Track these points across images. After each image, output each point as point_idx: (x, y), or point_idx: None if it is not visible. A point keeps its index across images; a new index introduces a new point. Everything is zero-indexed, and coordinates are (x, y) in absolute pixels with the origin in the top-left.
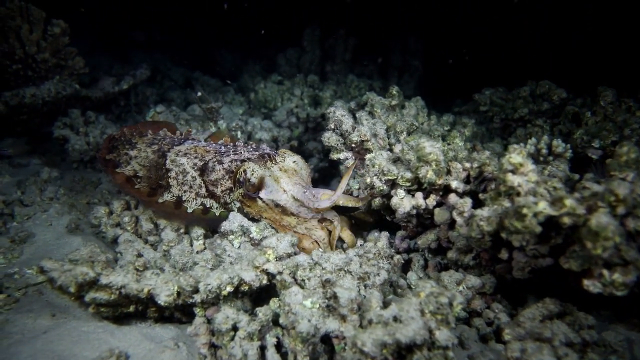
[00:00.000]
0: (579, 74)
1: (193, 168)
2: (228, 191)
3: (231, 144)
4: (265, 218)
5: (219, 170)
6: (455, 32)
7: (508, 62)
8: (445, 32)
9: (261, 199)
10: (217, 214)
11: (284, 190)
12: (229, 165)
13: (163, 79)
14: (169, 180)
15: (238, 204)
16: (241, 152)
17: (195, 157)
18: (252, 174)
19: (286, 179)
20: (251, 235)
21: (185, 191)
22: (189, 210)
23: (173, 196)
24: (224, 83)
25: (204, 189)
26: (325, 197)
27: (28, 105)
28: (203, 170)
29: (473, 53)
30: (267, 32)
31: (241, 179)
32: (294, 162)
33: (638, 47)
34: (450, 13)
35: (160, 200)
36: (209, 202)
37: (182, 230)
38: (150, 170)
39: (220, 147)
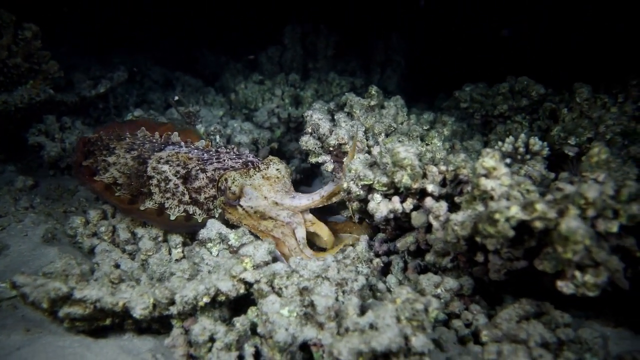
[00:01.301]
0: (560, 66)
1: (176, 176)
2: (212, 198)
3: (213, 149)
4: (245, 225)
5: (202, 178)
6: (440, 23)
7: (489, 50)
8: (430, 20)
9: (241, 206)
10: (200, 220)
11: (265, 197)
12: (212, 174)
13: (143, 79)
14: (151, 188)
15: (220, 210)
16: (224, 160)
17: (178, 165)
18: (233, 182)
19: (267, 187)
20: (229, 243)
21: (167, 198)
22: (172, 218)
23: (155, 203)
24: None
25: (187, 196)
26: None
27: (0, 112)
28: (186, 178)
29: (457, 39)
30: (248, 30)
31: (222, 187)
32: (277, 169)
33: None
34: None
35: (142, 208)
36: (192, 209)
37: (160, 239)
38: (131, 177)
39: (203, 154)
